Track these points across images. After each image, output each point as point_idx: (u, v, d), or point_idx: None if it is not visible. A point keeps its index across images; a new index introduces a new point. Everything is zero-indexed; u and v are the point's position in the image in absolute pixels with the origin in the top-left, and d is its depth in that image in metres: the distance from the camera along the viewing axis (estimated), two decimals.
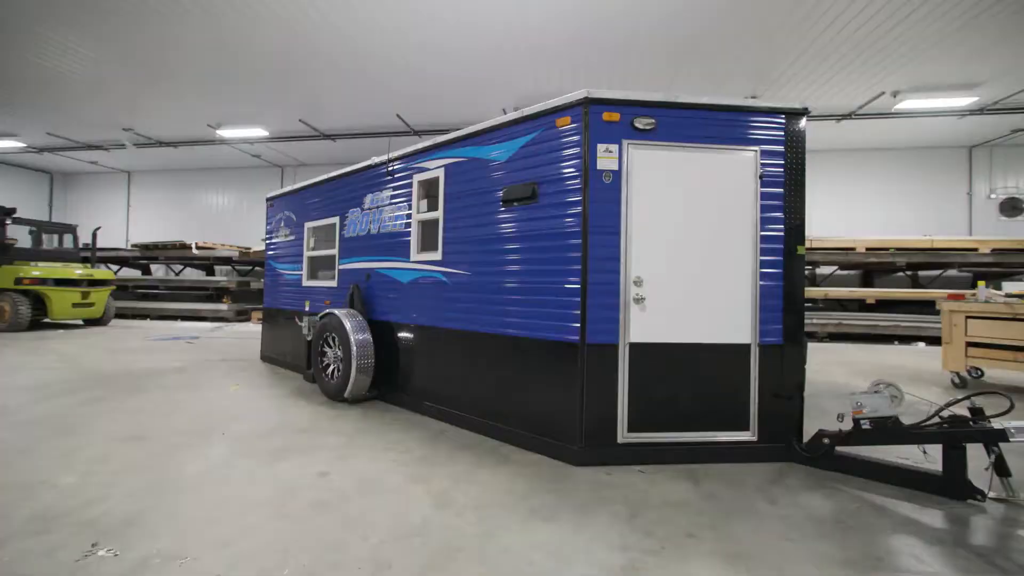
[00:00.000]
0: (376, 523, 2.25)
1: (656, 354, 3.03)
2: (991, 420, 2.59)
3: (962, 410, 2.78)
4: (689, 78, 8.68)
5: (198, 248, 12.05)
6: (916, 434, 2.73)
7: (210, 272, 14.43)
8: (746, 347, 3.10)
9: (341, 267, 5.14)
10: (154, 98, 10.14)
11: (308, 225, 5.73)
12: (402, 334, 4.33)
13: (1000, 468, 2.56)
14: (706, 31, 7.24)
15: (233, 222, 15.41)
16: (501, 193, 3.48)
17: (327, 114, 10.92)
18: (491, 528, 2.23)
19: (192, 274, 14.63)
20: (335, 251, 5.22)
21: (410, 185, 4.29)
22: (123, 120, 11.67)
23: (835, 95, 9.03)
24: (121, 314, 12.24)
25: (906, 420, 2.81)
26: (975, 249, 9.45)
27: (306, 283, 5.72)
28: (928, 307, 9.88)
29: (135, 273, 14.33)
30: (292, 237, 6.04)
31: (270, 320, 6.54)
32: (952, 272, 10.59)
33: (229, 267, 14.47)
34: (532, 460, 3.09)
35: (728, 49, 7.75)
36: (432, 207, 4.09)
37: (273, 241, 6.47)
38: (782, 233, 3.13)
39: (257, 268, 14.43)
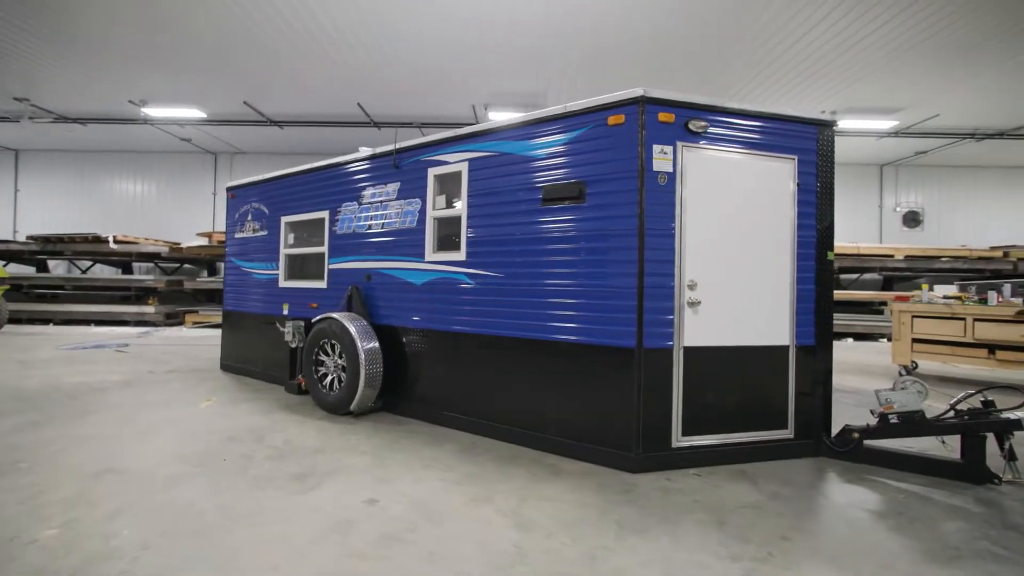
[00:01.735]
0: (466, 555, 2.02)
1: (707, 357, 3.05)
2: (1002, 412, 2.88)
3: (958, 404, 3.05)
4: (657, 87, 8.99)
5: (116, 242, 10.52)
6: (939, 426, 2.96)
7: (127, 270, 12.68)
8: (785, 348, 3.21)
9: (331, 266, 4.68)
10: (62, 66, 8.66)
11: (286, 219, 5.16)
12: (414, 340, 4.01)
13: (1010, 454, 2.86)
14: (679, 49, 7.54)
15: (155, 214, 13.64)
16: (540, 192, 3.33)
17: (276, 98, 10.00)
18: (591, 548, 2.09)
19: (103, 272, 12.77)
20: (324, 249, 4.74)
21: (424, 179, 3.99)
22: (16, 88, 9.87)
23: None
24: (14, 318, 10.37)
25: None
26: (892, 255, 10.78)
27: (284, 284, 5.14)
28: (853, 307, 11.09)
29: (28, 270, 12.22)
30: (264, 232, 5.41)
31: (233, 325, 5.82)
32: (868, 276, 11.96)
33: (151, 264, 12.82)
34: (585, 470, 2.97)
35: (694, 66, 8.16)
36: (452, 203, 3.83)
37: (237, 236, 5.76)
38: (814, 238, 3.28)
39: (187, 266, 12.94)
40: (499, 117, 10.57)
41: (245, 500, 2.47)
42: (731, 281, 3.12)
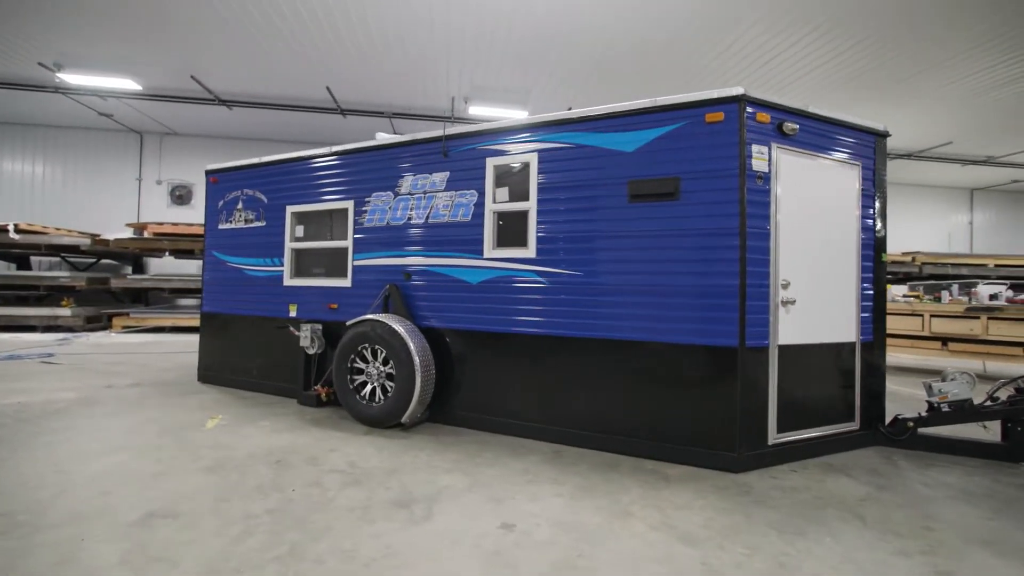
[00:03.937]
0: None
1: (797, 355, 3.11)
2: None
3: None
4: (631, 98, 9.26)
5: (19, 232, 8.75)
6: (985, 412, 3.28)
7: (23, 265, 10.64)
8: (852, 345, 3.37)
9: (356, 263, 4.20)
10: None
11: (293, 209, 4.56)
12: (468, 342, 3.71)
13: None
14: (666, 58, 7.81)
15: (59, 201, 11.55)
16: (625, 187, 3.21)
17: (229, 73, 8.89)
18: (773, 556, 2.01)
19: None
20: (347, 243, 4.24)
21: (480, 169, 3.70)
22: None
23: None
24: None
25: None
26: None
27: (290, 282, 4.54)
28: None
29: None
30: (261, 224, 4.74)
31: (217, 329, 5.04)
32: None
33: (57, 259, 10.88)
34: (688, 473, 2.90)
35: (677, 73, 8.49)
36: (517, 196, 3.58)
37: (223, 228, 5.00)
38: (873, 241, 3.49)
39: (104, 261, 11.16)
40: (479, 112, 10.29)
41: (362, 538, 2.08)
42: (813, 280, 3.21)
